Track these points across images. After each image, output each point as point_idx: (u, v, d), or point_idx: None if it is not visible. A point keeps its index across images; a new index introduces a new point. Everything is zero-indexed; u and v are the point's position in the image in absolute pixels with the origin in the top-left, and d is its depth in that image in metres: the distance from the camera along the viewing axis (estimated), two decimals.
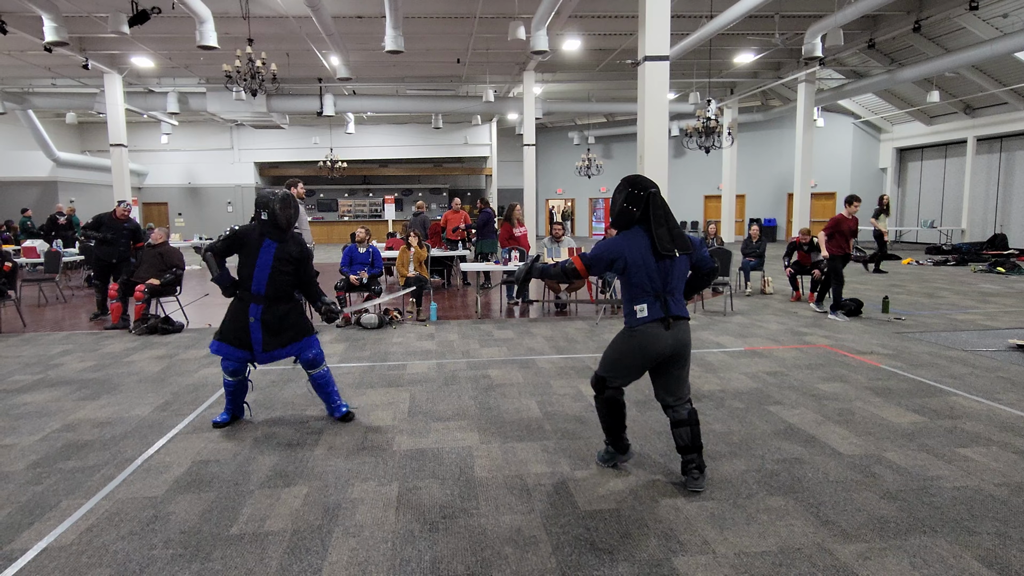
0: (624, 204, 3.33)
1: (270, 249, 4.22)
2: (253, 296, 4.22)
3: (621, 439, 3.61)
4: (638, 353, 3.33)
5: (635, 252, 3.27)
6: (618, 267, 3.31)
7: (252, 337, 4.22)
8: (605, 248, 3.35)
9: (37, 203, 20.00)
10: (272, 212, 4.18)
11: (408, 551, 2.78)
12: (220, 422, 4.39)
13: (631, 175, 3.45)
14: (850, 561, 2.67)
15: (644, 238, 3.29)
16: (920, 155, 21.90)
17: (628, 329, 3.37)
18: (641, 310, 3.29)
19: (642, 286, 3.29)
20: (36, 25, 12.50)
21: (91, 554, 2.77)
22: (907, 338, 7.01)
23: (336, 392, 4.52)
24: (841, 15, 12.03)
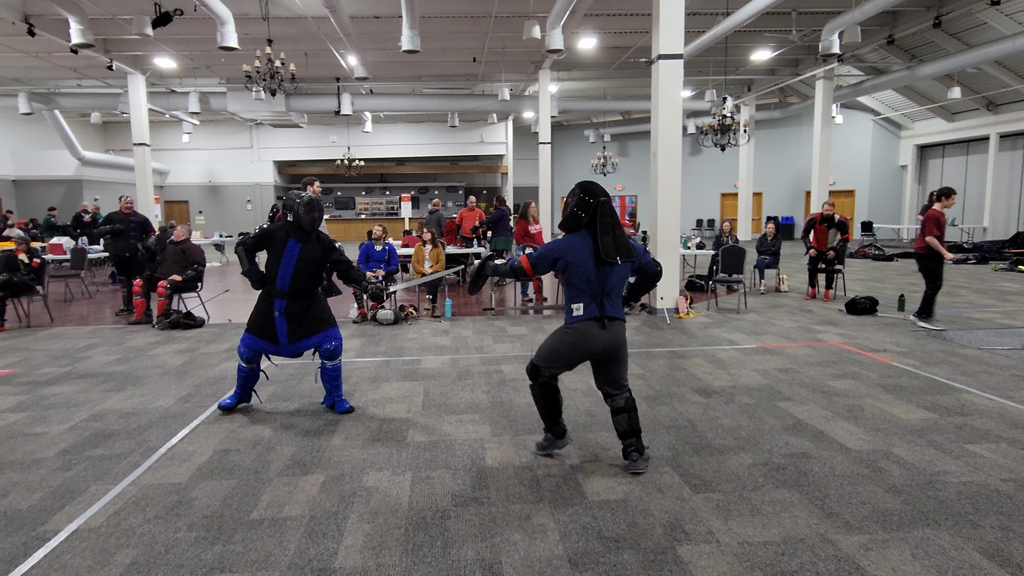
0: (574, 209, 3.49)
1: (295, 249, 4.41)
2: (278, 292, 4.42)
3: (558, 423, 3.75)
4: (573, 348, 3.53)
5: (577, 255, 3.44)
6: (560, 267, 3.48)
7: (278, 331, 4.42)
8: (550, 249, 3.55)
9: (63, 201, 20.44)
10: (297, 215, 4.38)
11: (420, 537, 2.88)
12: (225, 405, 4.63)
13: (585, 181, 3.60)
14: (852, 552, 2.72)
15: (588, 242, 3.45)
16: (941, 152, 21.63)
17: (566, 326, 3.54)
18: (578, 309, 3.47)
19: (581, 287, 3.46)
20: (63, 28, 12.80)
21: (119, 536, 2.90)
22: (922, 336, 6.99)
23: (341, 387, 4.67)
24: (859, 11, 11.94)
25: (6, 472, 3.60)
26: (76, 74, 17.70)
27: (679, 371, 5.69)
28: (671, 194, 8.61)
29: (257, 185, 27.00)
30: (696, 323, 7.97)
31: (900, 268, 13.99)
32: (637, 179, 27.71)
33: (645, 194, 27.73)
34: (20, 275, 8.15)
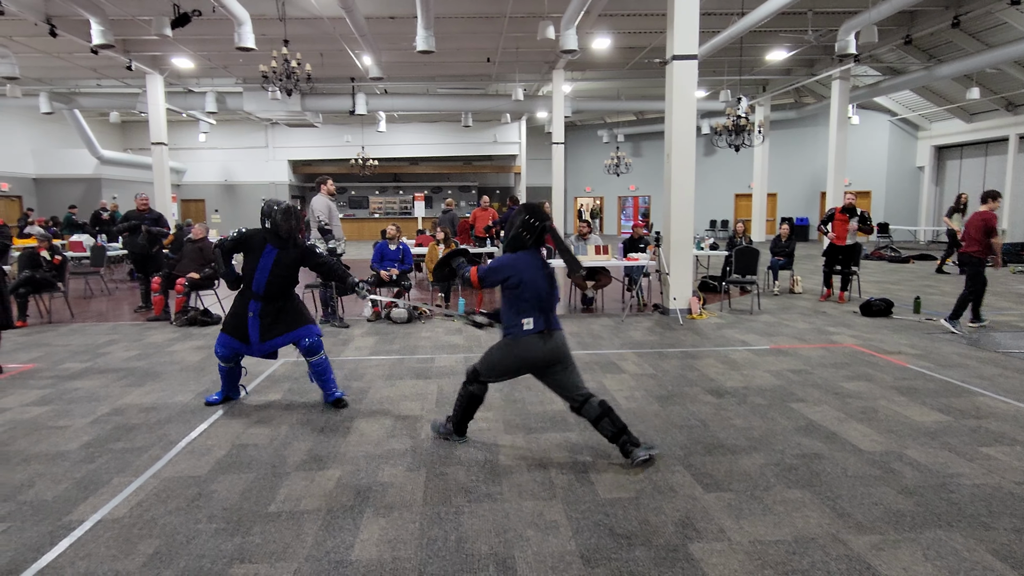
0: (519, 230, 3.70)
1: (271, 255, 4.55)
2: (253, 294, 4.56)
3: (464, 426, 4.02)
4: (517, 361, 3.72)
5: (529, 272, 3.64)
6: (512, 283, 3.63)
7: (250, 330, 4.55)
8: (502, 265, 3.70)
9: (82, 199, 20.76)
10: (274, 222, 4.51)
11: (435, 531, 2.93)
12: (212, 401, 4.79)
13: (529, 203, 3.82)
14: (863, 551, 2.73)
15: (537, 260, 3.70)
16: (959, 153, 21.39)
17: (512, 339, 3.69)
18: (528, 323, 3.63)
19: (531, 302, 3.64)
20: (84, 28, 12.99)
21: (141, 526, 2.97)
22: (937, 339, 6.94)
23: (333, 380, 4.77)
24: (875, 11, 11.85)
25: (32, 464, 3.69)
26: (96, 74, 17.96)
27: (691, 371, 5.70)
28: (685, 195, 8.61)
29: (272, 184, 27.22)
30: (709, 324, 7.97)
31: (916, 270, 13.86)
32: (650, 179, 27.64)
33: (658, 194, 27.64)
34: (42, 272, 8.31)
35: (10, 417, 4.51)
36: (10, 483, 3.43)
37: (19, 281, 8.09)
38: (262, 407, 4.74)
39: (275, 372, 5.74)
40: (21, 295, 8.02)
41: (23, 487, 3.38)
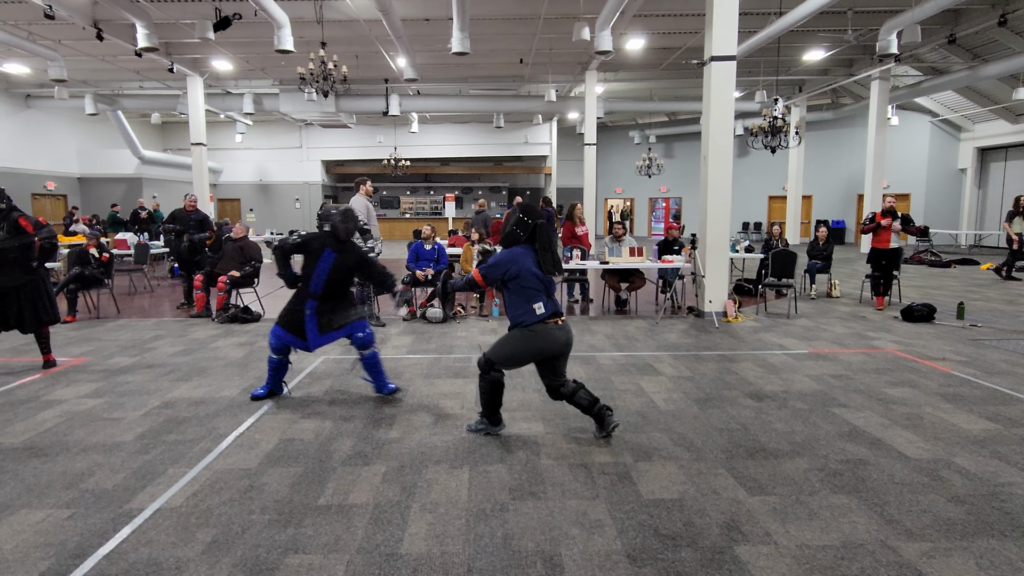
0: (513, 227, 3.95)
1: (329, 258, 4.70)
2: (310, 294, 4.73)
3: (497, 414, 4.15)
4: (535, 350, 3.92)
5: (525, 263, 3.88)
6: (511, 274, 3.87)
7: (307, 327, 4.71)
8: (499, 261, 3.93)
9: (124, 198, 21.37)
10: (333, 226, 4.69)
11: (481, 528, 2.98)
12: (257, 395, 4.89)
13: (525, 203, 4.05)
14: (914, 559, 2.70)
15: (530, 254, 3.93)
16: (1004, 155, 20.78)
17: (527, 327, 3.89)
18: (539, 307, 3.87)
19: (535, 288, 3.89)
20: (129, 32, 13.39)
21: (198, 516, 3.08)
22: (983, 345, 6.78)
23: (383, 372, 4.92)
24: (919, 10, 11.60)
25: (90, 453, 3.84)
26: (138, 76, 18.48)
27: (729, 375, 5.66)
28: (721, 197, 8.54)
29: (306, 184, 27.67)
30: (745, 327, 7.90)
31: (958, 275, 13.52)
32: (682, 181, 27.41)
33: (690, 196, 27.41)
34: (91, 269, 8.59)
35: (67, 408, 4.69)
36: (72, 471, 3.57)
37: (69, 278, 8.37)
38: (306, 403, 4.85)
39: (316, 369, 5.85)
40: (71, 291, 8.30)
41: (84, 475, 3.52)
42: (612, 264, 8.84)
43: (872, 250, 9.44)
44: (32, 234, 5.60)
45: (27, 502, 3.20)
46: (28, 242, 5.58)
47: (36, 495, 3.28)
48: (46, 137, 20.75)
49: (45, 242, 5.64)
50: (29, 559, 2.69)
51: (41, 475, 3.52)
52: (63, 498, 3.24)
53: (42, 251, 5.66)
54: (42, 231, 5.64)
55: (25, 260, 5.59)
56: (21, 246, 5.55)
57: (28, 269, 5.61)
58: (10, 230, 5.50)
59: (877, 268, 9.36)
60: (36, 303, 5.64)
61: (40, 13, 11.45)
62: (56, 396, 4.99)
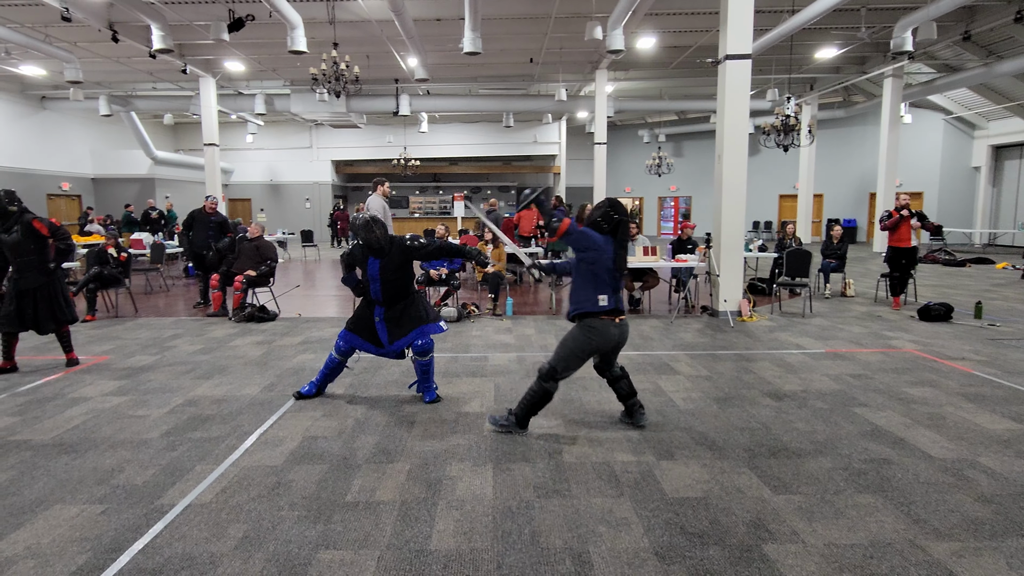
0: (598, 219, 4.01)
1: (375, 265, 4.74)
2: (375, 301, 4.80)
3: (528, 421, 4.19)
4: (592, 348, 3.99)
5: (606, 251, 3.95)
6: (591, 257, 3.92)
7: (380, 335, 4.78)
8: (590, 236, 3.94)
9: (137, 198, 21.53)
10: (363, 238, 4.73)
11: (508, 524, 3.00)
12: (305, 393, 4.93)
13: (614, 199, 4.11)
14: (944, 558, 2.70)
15: (610, 246, 3.97)
16: (1019, 153, 20.61)
17: (586, 324, 3.95)
18: (603, 299, 3.93)
19: (605, 280, 3.93)
20: (143, 34, 13.51)
21: (228, 512, 3.11)
22: (1002, 345, 6.74)
23: (432, 379, 4.93)
24: (934, 7, 11.52)
25: (118, 450, 3.88)
26: (152, 77, 18.62)
27: (747, 374, 5.65)
28: (736, 196, 8.53)
29: (316, 184, 27.78)
30: (760, 326, 7.88)
31: (973, 274, 13.43)
32: (692, 180, 27.34)
33: (699, 195, 27.32)
34: (109, 268, 8.67)
35: (93, 406, 4.75)
36: (102, 467, 3.62)
37: (88, 277, 8.46)
38: (326, 401, 4.88)
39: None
40: (90, 291, 8.39)
41: (114, 472, 3.57)
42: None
43: (891, 249, 9.24)
44: (47, 236, 5.67)
45: (60, 497, 3.25)
46: (44, 244, 5.66)
47: (69, 491, 3.33)
48: (61, 138, 20.95)
49: (60, 243, 5.70)
50: (67, 553, 2.73)
51: (72, 471, 3.57)
52: (95, 494, 3.29)
53: (58, 252, 5.73)
54: (57, 232, 5.71)
55: (42, 262, 5.67)
56: (38, 248, 5.62)
57: (46, 271, 5.68)
58: (25, 233, 5.57)
59: (896, 268, 9.19)
60: (52, 304, 5.72)
61: (57, 16, 11.58)
62: (81, 394, 5.05)
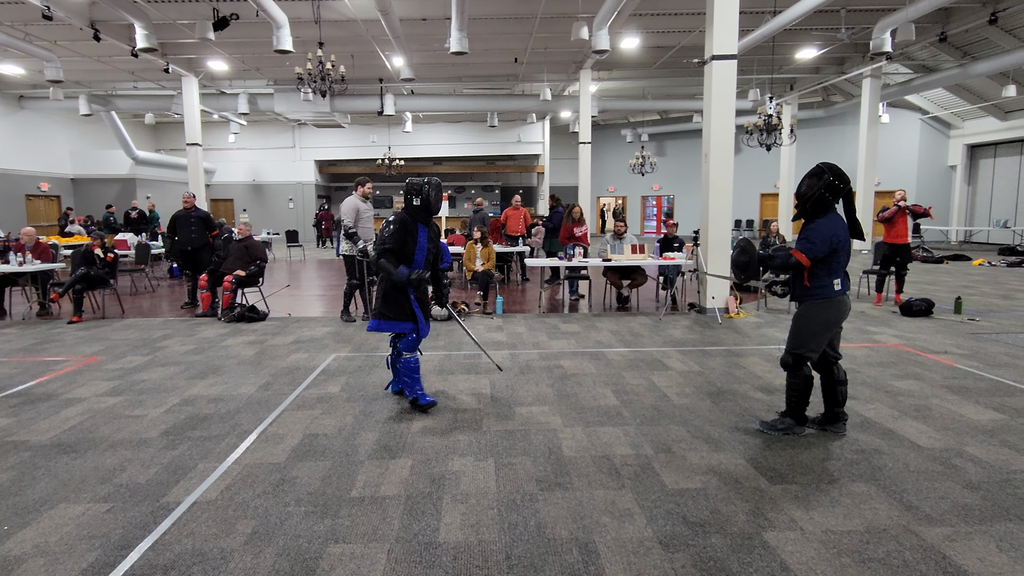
0: (823, 192, 3.79)
1: (423, 232, 4.51)
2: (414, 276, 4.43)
3: (804, 413, 4.06)
4: (833, 323, 3.89)
5: (846, 235, 3.83)
6: (839, 244, 3.80)
7: (418, 314, 4.53)
8: (826, 236, 3.77)
9: (117, 199, 21.25)
10: (426, 197, 4.43)
11: (514, 516, 3.05)
12: (430, 403, 4.58)
13: (830, 164, 3.86)
14: (937, 542, 2.80)
15: (843, 223, 3.84)
16: (993, 152, 21.08)
17: (825, 301, 3.84)
18: (837, 283, 3.84)
19: (841, 263, 3.84)
20: (125, 33, 13.36)
21: (234, 508, 3.13)
22: (982, 339, 6.92)
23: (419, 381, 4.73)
24: (912, 9, 11.76)
25: (119, 449, 3.87)
26: (133, 77, 18.37)
27: (738, 369, 5.76)
28: (723, 195, 8.66)
29: (299, 184, 27.60)
30: (747, 323, 8.01)
31: (952, 271, 13.73)
32: (674, 179, 27.58)
33: (682, 194, 27.57)
34: (96, 268, 8.57)
35: (89, 406, 4.71)
36: (103, 467, 3.61)
37: (75, 278, 8.35)
38: (324, 399, 4.90)
39: (330, 366, 5.90)
40: (77, 292, 8.29)
41: (116, 471, 3.56)
42: (615, 261, 8.92)
43: (886, 245, 9.16)
44: None
45: (64, 496, 3.24)
46: None
47: (72, 490, 3.32)
48: (40, 138, 20.60)
49: None
50: (76, 551, 2.73)
51: (74, 471, 3.56)
52: (99, 492, 3.28)
53: None
54: None
55: None
56: None
57: None
58: None
59: (888, 264, 9.18)
60: None
61: (38, 14, 11.40)
62: (75, 394, 5.01)
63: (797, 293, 3.97)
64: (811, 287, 3.85)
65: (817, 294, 3.84)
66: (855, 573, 2.58)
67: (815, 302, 3.85)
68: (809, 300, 3.87)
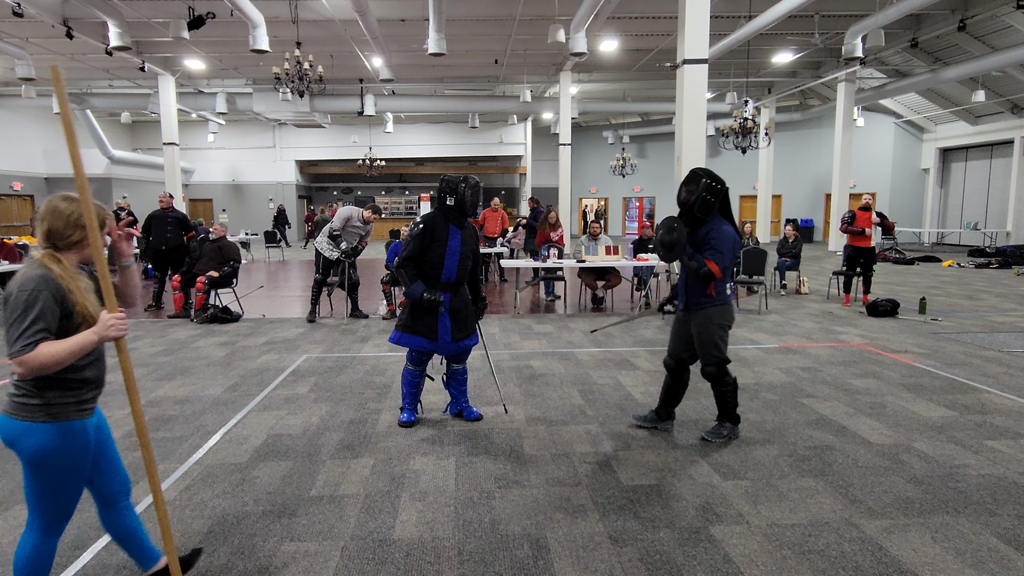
0: (704, 195, 3.87)
1: (456, 235, 4.14)
2: (443, 285, 4.14)
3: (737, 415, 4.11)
4: (729, 326, 4.01)
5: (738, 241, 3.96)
6: (736, 254, 3.97)
7: (441, 327, 4.16)
8: (727, 242, 3.87)
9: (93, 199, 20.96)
10: (460, 197, 4.10)
11: (469, 514, 3.10)
12: (407, 422, 4.30)
13: (704, 168, 4.01)
14: (875, 534, 2.90)
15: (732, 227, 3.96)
16: (964, 155, 21.52)
17: (722, 307, 3.94)
18: (729, 287, 3.97)
19: (733, 269, 3.99)
20: (99, 30, 13.23)
21: (192, 508, 3.15)
22: (943, 338, 7.09)
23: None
24: (883, 15, 12.00)
25: None
26: (108, 75, 18.18)
27: None
28: None
29: (279, 184, 27.43)
30: None
31: (921, 272, 14.01)
32: (655, 181, 27.77)
33: (663, 195, 27.77)
34: None
35: None
36: None
37: None
38: (291, 399, 4.92)
39: (300, 367, 5.91)
40: None
41: None
42: (589, 263, 9.01)
43: (851, 248, 9.38)
44: None
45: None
46: None
47: None
48: (12, 137, 20.28)
49: None
50: None
51: None
52: None
53: None
54: None
55: None
56: None
57: None
58: None
59: (854, 266, 9.39)
60: None
61: (8, 11, 11.25)
62: None
63: (694, 302, 3.95)
64: (714, 296, 3.88)
65: (716, 301, 3.89)
66: (794, 564, 2.66)
67: (714, 308, 3.90)
68: (708, 307, 3.91)
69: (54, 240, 2.06)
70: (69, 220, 2.06)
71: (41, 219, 2.07)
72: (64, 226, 2.06)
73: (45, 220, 2.06)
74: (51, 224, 2.05)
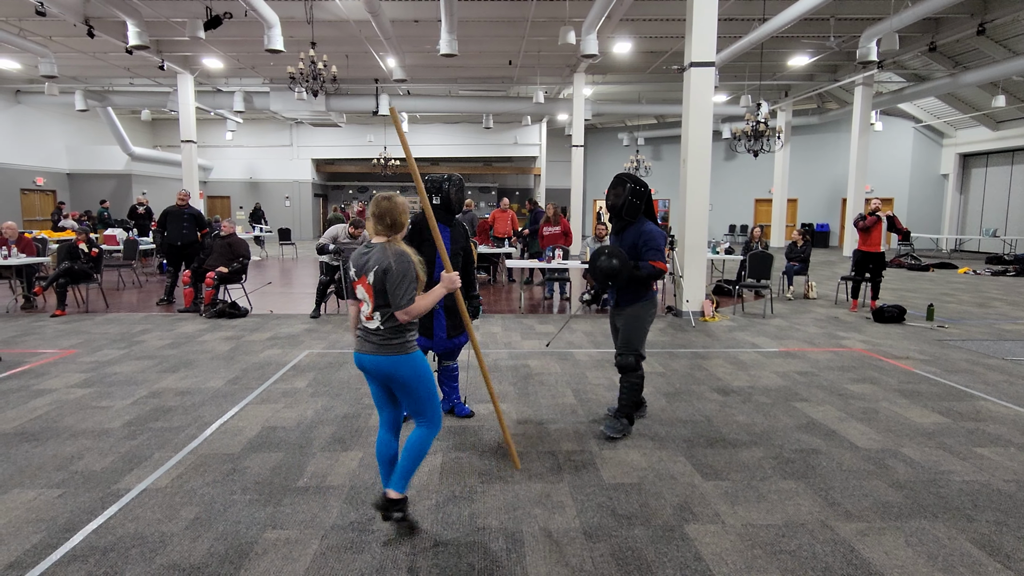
0: (630, 198, 4.04)
1: (445, 233, 4.19)
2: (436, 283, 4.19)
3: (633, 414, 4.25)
4: (653, 319, 4.20)
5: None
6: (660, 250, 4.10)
7: (436, 325, 4.22)
8: (658, 239, 4.07)
9: (113, 195, 21.42)
10: (445, 195, 4.16)
11: (450, 508, 3.17)
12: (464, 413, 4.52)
13: (628, 172, 4.19)
14: (849, 536, 2.92)
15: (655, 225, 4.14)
16: (985, 161, 21.19)
17: (650, 302, 4.15)
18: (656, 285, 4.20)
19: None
20: (119, 29, 13.48)
21: (182, 496, 3.25)
22: (947, 345, 7.03)
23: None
24: (897, 19, 11.88)
25: (80, 439, 4.00)
26: (129, 73, 18.52)
27: (700, 371, 5.87)
28: (700, 200, 8.78)
29: (296, 182, 27.73)
30: (721, 326, 8.12)
31: (935, 278, 13.84)
32: (670, 183, 27.64)
33: (677, 198, 27.67)
34: (80, 263, 8.70)
35: (57, 397, 4.84)
36: (62, 455, 3.73)
37: (59, 272, 8.49)
38: (288, 393, 5.02)
39: (301, 362, 6.02)
40: (60, 285, 8.42)
41: (74, 459, 3.68)
42: None
43: (860, 253, 9.26)
44: None
45: (19, 482, 3.36)
46: None
47: (28, 476, 3.44)
48: (36, 133, 20.74)
49: None
50: (22, 533, 2.85)
51: (32, 458, 3.68)
52: (54, 479, 3.41)
53: None
54: None
55: None
56: None
57: None
58: None
59: (862, 271, 9.26)
60: None
61: (31, 9, 11.54)
62: (46, 386, 5.14)
63: (629, 299, 4.11)
64: (649, 291, 4.11)
65: (648, 295, 4.12)
66: (764, 563, 2.69)
67: (648, 302, 4.11)
68: (640, 302, 4.10)
69: (396, 229, 2.79)
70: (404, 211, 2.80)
71: (382, 215, 2.75)
72: (400, 215, 2.78)
73: (387, 216, 2.75)
74: (393, 217, 2.76)
